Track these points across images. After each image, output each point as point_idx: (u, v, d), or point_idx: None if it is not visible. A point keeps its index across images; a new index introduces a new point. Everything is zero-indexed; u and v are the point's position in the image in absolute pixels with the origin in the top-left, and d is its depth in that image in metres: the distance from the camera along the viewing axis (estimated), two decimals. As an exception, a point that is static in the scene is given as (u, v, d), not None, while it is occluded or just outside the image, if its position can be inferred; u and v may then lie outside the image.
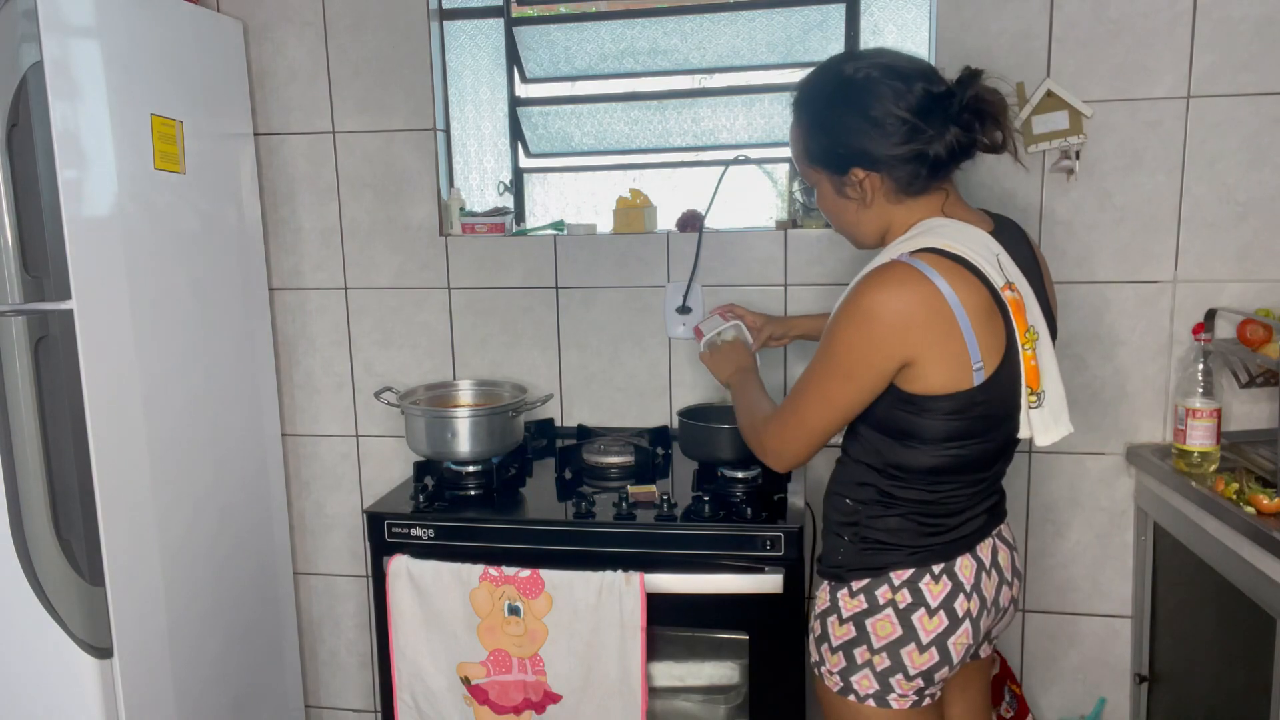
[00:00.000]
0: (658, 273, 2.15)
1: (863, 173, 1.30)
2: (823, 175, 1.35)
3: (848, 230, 1.40)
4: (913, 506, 1.34)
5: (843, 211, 1.37)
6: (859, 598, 1.36)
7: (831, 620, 1.39)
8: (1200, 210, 1.91)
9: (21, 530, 1.64)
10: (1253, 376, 1.87)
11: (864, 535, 1.36)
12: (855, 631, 1.36)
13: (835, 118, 1.30)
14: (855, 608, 1.36)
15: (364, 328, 2.30)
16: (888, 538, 1.35)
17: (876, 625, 1.34)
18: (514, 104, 2.35)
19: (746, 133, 2.27)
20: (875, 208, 1.33)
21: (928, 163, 1.27)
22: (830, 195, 1.37)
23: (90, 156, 1.67)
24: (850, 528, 1.38)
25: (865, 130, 1.27)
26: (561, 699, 1.67)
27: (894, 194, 1.31)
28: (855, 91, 1.27)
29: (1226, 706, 1.68)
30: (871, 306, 1.23)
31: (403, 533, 1.75)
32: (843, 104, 1.29)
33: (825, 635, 1.40)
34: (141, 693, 1.77)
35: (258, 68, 2.23)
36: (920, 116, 1.25)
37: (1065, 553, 2.07)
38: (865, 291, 1.24)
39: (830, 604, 1.39)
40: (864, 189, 1.31)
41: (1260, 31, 1.84)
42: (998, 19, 1.92)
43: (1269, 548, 1.44)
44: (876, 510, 1.36)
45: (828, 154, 1.32)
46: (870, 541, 1.36)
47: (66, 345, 1.62)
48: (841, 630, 1.37)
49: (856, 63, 1.30)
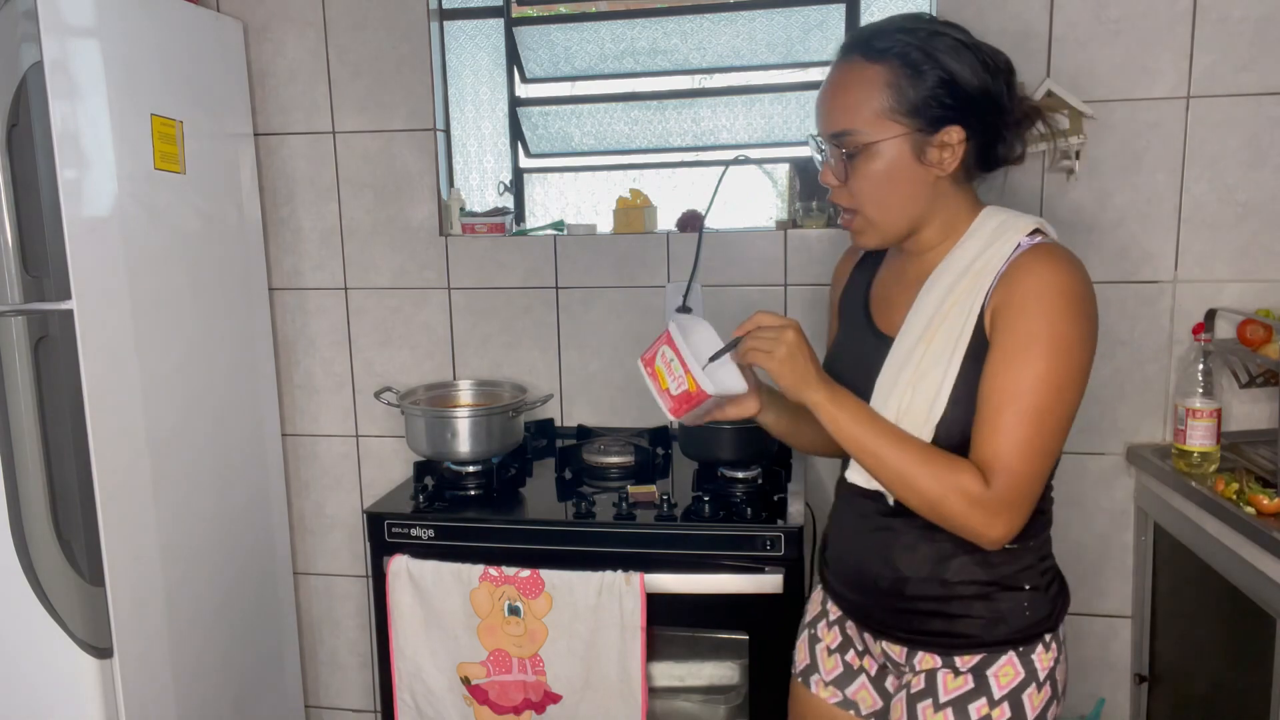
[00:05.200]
0: (658, 273, 2.15)
1: (961, 133, 1.11)
2: (904, 132, 1.11)
3: (889, 207, 1.16)
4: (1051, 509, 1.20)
5: (898, 181, 1.14)
6: (1053, 648, 1.18)
7: (1029, 692, 1.16)
8: (1200, 210, 1.91)
9: (21, 530, 1.64)
10: (1253, 376, 1.87)
11: (1044, 570, 1.19)
12: (1052, 691, 1.18)
13: (953, 61, 1.11)
14: (1051, 661, 1.18)
15: (364, 328, 2.30)
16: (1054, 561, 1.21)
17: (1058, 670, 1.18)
18: (514, 104, 2.35)
19: (746, 133, 2.27)
20: (943, 184, 1.15)
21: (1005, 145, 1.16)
22: (900, 160, 1.13)
23: (90, 156, 1.67)
24: (1027, 572, 1.17)
25: (986, 84, 1.12)
26: (561, 699, 1.67)
27: (963, 171, 1.16)
28: (972, 46, 1.13)
29: (1226, 706, 1.68)
30: (1085, 292, 1.08)
31: (403, 533, 1.75)
32: (963, 50, 1.12)
33: (1019, 715, 1.15)
34: (141, 693, 1.77)
35: (258, 68, 2.23)
36: (1010, 97, 1.15)
37: (1065, 553, 2.06)
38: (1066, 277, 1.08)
39: (1025, 673, 1.16)
40: (954, 155, 1.12)
41: (1260, 31, 1.84)
42: (998, 19, 1.92)
43: (1269, 548, 1.44)
44: (1046, 536, 1.19)
45: (928, 102, 1.11)
46: (1052, 574, 1.20)
47: (66, 345, 1.62)
48: (1040, 698, 1.16)
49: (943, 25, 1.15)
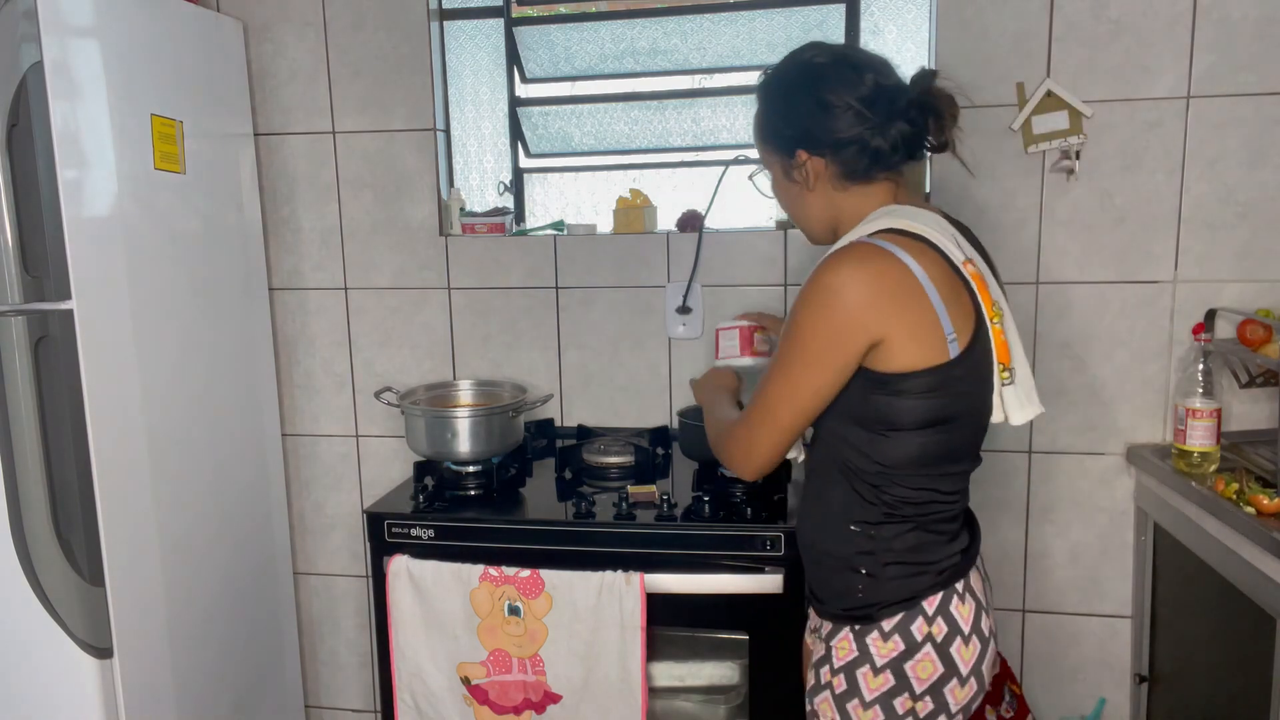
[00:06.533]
0: (658, 273, 2.15)
1: (806, 155, 1.30)
2: (774, 158, 1.36)
3: (797, 218, 1.40)
4: (922, 513, 1.25)
5: (789, 197, 1.38)
6: (894, 639, 1.24)
7: (863, 672, 1.25)
8: (1200, 210, 1.91)
9: (21, 530, 1.64)
10: (1253, 376, 1.87)
11: (887, 561, 1.26)
12: (894, 680, 1.24)
13: (788, 100, 1.32)
14: (891, 651, 1.24)
15: (364, 328, 2.30)
16: (912, 557, 1.25)
17: (917, 668, 1.23)
18: (514, 104, 2.35)
19: (746, 133, 2.26)
20: (820, 194, 1.32)
21: (869, 152, 1.27)
22: (779, 179, 1.38)
23: (90, 156, 1.67)
24: (866, 557, 1.27)
25: (813, 113, 1.28)
26: (561, 699, 1.67)
27: (837, 180, 1.31)
28: (809, 76, 1.30)
29: (1226, 706, 1.68)
30: (833, 284, 1.19)
31: (403, 533, 1.75)
32: (796, 87, 1.31)
33: (855, 690, 1.25)
34: (141, 693, 1.77)
35: (258, 68, 2.23)
36: (867, 105, 1.26)
37: (1065, 553, 2.07)
38: (825, 272, 1.20)
39: (859, 652, 1.26)
40: (806, 172, 1.31)
41: (1260, 31, 1.84)
42: (998, 19, 1.92)
43: (1269, 548, 1.44)
44: (891, 529, 1.26)
45: (778, 135, 1.34)
46: (895, 567, 1.25)
47: (66, 345, 1.62)
48: (877, 681, 1.24)
49: (817, 51, 1.32)
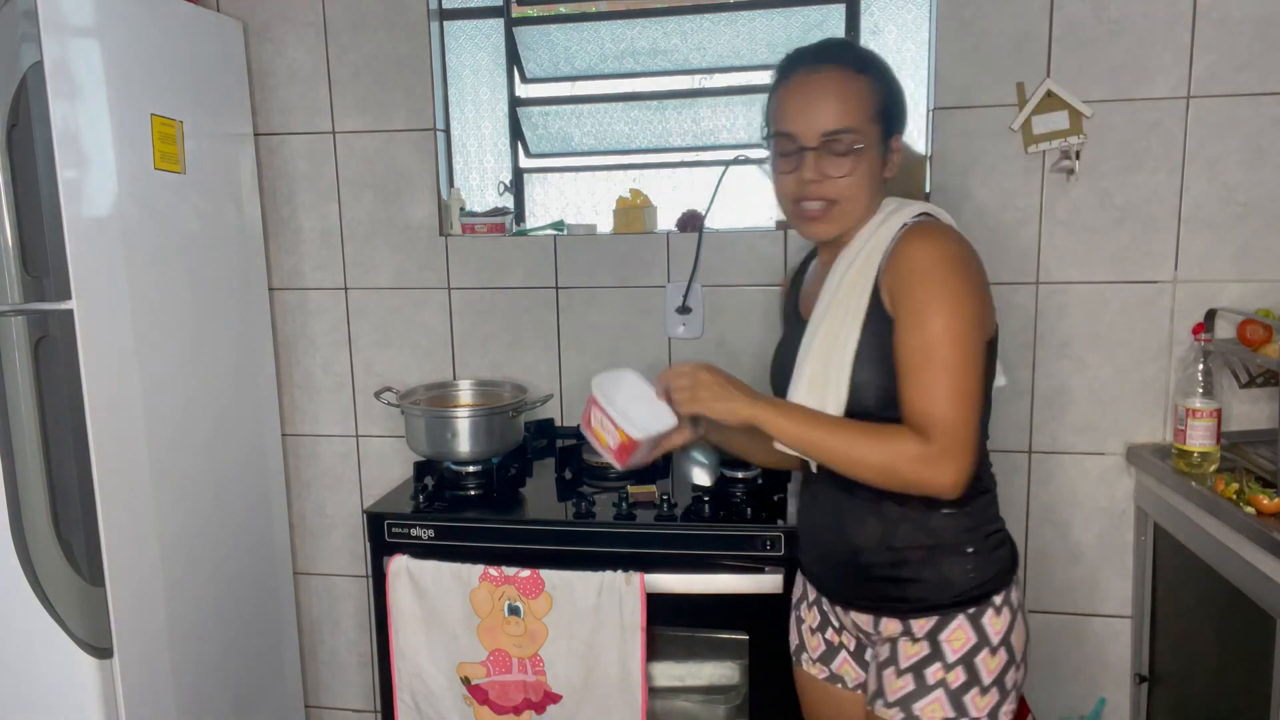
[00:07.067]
0: (658, 273, 2.15)
1: (901, 141, 1.33)
2: (876, 139, 1.27)
3: (862, 204, 1.28)
4: (988, 479, 1.24)
5: (876, 179, 1.29)
6: (1004, 611, 1.20)
7: (982, 657, 1.18)
8: (1200, 210, 1.91)
9: (21, 530, 1.64)
10: (1253, 376, 1.87)
11: (988, 533, 1.23)
12: (1006, 655, 1.20)
13: (897, 85, 1.33)
14: (1004, 625, 1.20)
15: (364, 328, 2.30)
16: (999, 524, 1.24)
17: (1018, 636, 1.21)
18: (514, 104, 2.35)
19: (746, 133, 2.27)
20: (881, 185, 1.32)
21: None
22: (876, 159, 1.28)
23: (90, 156, 1.67)
24: (969, 534, 1.22)
25: (905, 104, 1.34)
26: (561, 699, 1.67)
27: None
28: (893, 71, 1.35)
29: (1226, 706, 1.68)
30: (956, 252, 1.18)
31: (403, 533, 1.75)
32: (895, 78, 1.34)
33: (974, 678, 1.18)
34: (141, 693, 1.77)
35: (258, 68, 2.23)
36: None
37: (1065, 553, 2.07)
38: (936, 244, 1.19)
39: (977, 637, 1.20)
40: (899, 157, 1.33)
41: (1260, 31, 1.84)
42: (998, 19, 1.92)
43: (1269, 548, 1.44)
44: (982, 500, 1.23)
45: (893, 117, 1.31)
46: (995, 536, 1.23)
47: (66, 345, 1.62)
48: (995, 661, 1.19)
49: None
